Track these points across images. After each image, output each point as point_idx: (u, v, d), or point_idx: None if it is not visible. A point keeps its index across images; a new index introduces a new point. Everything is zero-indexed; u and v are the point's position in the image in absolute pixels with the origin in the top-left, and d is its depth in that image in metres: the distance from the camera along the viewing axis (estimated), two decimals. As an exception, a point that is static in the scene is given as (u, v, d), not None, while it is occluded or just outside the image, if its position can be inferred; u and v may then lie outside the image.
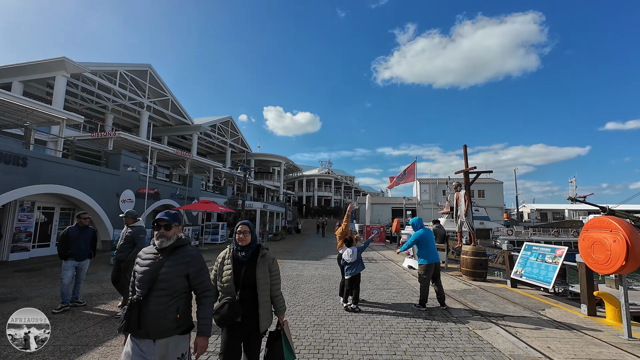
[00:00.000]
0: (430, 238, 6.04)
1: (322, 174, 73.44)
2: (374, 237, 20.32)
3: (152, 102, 31.75)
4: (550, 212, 55.42)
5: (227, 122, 44.31)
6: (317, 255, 14.37)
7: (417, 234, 6.02)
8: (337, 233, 6.67)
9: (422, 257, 5.96)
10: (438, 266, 6.04)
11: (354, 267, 5.87)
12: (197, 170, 36.53)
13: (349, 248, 5.97)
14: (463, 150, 9.43)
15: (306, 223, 47.54)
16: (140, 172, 17.65)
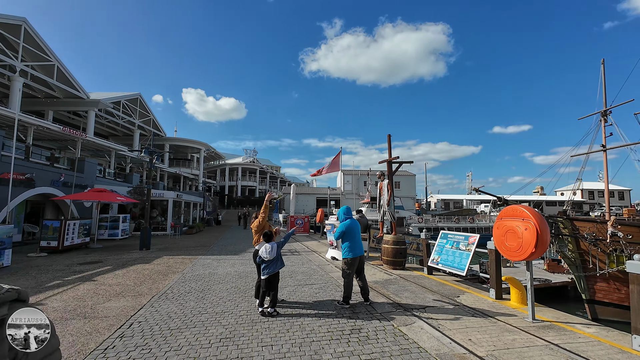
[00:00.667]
0: (356, 229, 5.62)
1: (247, 162, 70.56)
2: (296, 229, 19.91)
3: (28, 66, 25.43)
4: (452, 202, 63.36)
5: (135, 100, 38.63)
6: (235, 249, 13.19)
7: (344, 224, 5.53)
8: (253, 226, 5.78)
9: (347, 250, 5.48)
10: (363, 259, 5.67)
11: (272, 266, 5.10)
12: (94, 154, 31.01)
13: (268, 244, 5.16)
14: (387, 140, 9.42)
15: (228, 214, 45.03)
16: (3, 153, 13.78)
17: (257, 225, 5.68)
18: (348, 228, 5.49)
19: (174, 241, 16.38)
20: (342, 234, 5.50)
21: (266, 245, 5.15)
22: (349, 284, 5.40)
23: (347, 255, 5.47)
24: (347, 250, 5.49)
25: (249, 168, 69.38)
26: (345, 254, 5.50)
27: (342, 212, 5.79)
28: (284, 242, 5.51)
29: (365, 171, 53.82)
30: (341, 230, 5.51)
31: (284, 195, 49.63)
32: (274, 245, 5.16)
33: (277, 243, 5.27)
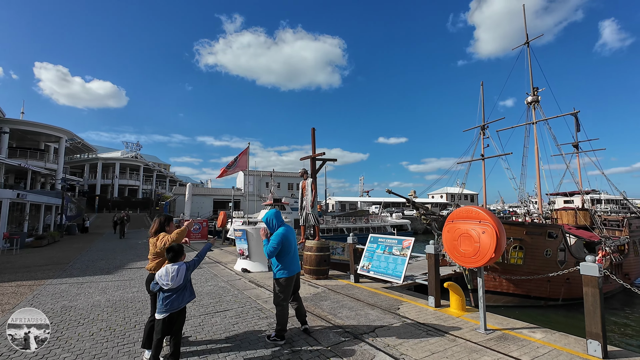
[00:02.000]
0: (293, 240, 4.35)
1: (128, 158, 59.96)
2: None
3: None
4: (348, 204, 67.76)
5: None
6: (108, 265, 10.05)
7: (280, 235, 4.16)
8: (156, 245, 3.84)
9: (281, 268, 4.16)
10: (299, 277, 4.46)
11: (176, 298, 3.37)
12: None
13: (171, 264, 3.43)
14: (311, 135, 8.45)
15: (100, 219, 36.87)
16: None
17: (162, 246, 3.76)
18: (285, 239, 4.16)
19: (7, 258, 11.68)
20: (278, 247, 4.13)
21: (168, 267, 3.42)
22: (283, 312, 4.08)
23: (282, 274, 4.15)
24: (281, 269, 4.17)
25: (130, 164, 59.01)
26: (279, 274, 4.16)
27: (272, 216, 4.39)
28: (198, 261, 3.78)
29: (268, 172, 52.43)
30: (277, 241, 4.12)
31: (175, 197, 43.86)
32: (181, 267, 3.45)
33: (185, 264, 3.55)
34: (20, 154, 39.23)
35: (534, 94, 18.77)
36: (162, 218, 4.08)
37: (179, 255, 3.54)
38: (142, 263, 10.30)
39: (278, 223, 4.32)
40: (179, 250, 3.56)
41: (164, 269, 3.40)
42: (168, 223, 4.05)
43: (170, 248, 3.53)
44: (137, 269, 9.32)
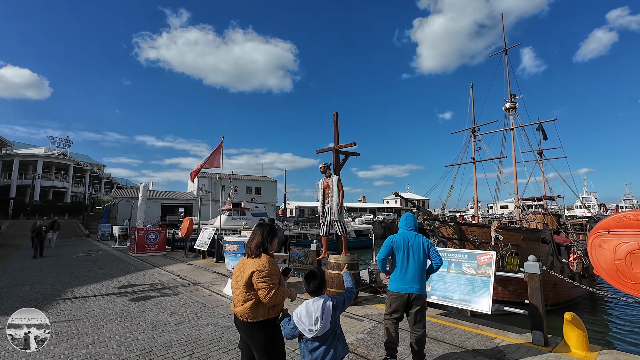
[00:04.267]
0: (411, 248, 3.49)
1: (54, 155, 51.64)
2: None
3: None
4: (306, 209, 66.20)
5: None
6: (35, 295, 7.04)
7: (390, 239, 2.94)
8: (254, 283, 2.33)
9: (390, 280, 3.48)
10: (416, 300, 3.42)
11: (327, 352, 2.33)
12: None
13: (312, 301, 2.41)
14: (334, 121, 6.73)
15: (16, 227, 30.36)
16: None
17: (266, 289, 2.37)
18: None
19: None
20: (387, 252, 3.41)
21: (309, 304, 2.37)
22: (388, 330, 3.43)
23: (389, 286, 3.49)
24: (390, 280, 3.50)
25: (56, 163, 50.77)
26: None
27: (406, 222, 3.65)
28: (349, 297, 2.63)
29: (225, 174, 48.66)
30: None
31: (116, 201, 38.33)
32: (326, 305, 2.35)
33: (331, 299, 2.43)
34: None
35: (512, 101, 19.24)
36: (266, 230, 2.58)
37: (323, 285, 2.49)
38: (87, 289, 7.55)
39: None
40: (323, 279, 2.47)
41: (303, 307, 2.38)
42: (271, 239, 2.59)
43: (312, 274, 2.49)
44: (83, 298, 6.66)
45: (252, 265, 2.39)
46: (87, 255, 14.46)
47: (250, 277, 2.34)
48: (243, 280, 2.37)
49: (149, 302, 6.31)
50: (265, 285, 2.29)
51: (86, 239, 25.62)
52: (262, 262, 2.38)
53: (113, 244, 18.68)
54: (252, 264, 2.41)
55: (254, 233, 2.58)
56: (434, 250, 3.53)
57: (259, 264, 2.37)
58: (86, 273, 9.78)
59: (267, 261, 2.39)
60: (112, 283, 8.22)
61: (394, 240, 3.50)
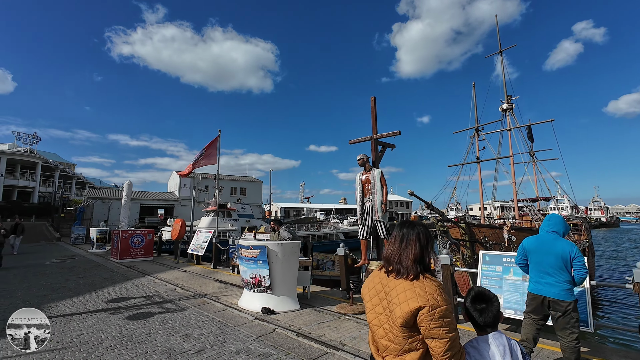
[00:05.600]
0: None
1: (19, 152, 47.82)
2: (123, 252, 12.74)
3: None
4: (292, 210, 64.94)
5: None
6: (4, 311, 5.80)
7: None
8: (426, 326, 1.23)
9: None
10: (555, 305, 3.02)
11: None
12: None
13: (493, 336, 1.56)
14: (371, 107, 5.87)
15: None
16: None
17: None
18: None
19: None
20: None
21: (492, 345, 1.51)
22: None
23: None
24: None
25: (22, 160, 47.01)
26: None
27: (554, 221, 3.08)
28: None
29: (209, 174, 46.69)
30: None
31: (90, 202, 35.72)
32: (514, 347, 1.53)
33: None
34: None
35: (508, 102, 19.15)
36: (423, 233, 1.71)
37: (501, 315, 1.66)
38: (69, 304, 6.28)
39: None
40: (499, 305, 1.66)
41: (493, 347, 1.52)
42: (431, 249, 1.70)
43: (484, 296, 1.65)
44: (66, 317, 5.43)
45: (410, 293, 1.47)
46: (62, 261, 12.82)
47: (414, 314, 1.43)
48: (400, 317, 1.45)
49: (151, 320, 5.19)
50: (446, 334, 1.39)
51: (57, 243, 23.42)
52: (430, 290, 1.47)
53: (90, 248, 16.91)
54: (410, 291, 1.48)
55: (401, 236, 1.65)
56: (578, 260, 2.81)
57: (426, 295, 1.44)
58: (64, 283, 8.39)
59: (437, 289, 1.48)
60: (99, 296, 6.96)
61: (525, 244, 3.16)
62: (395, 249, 1.66)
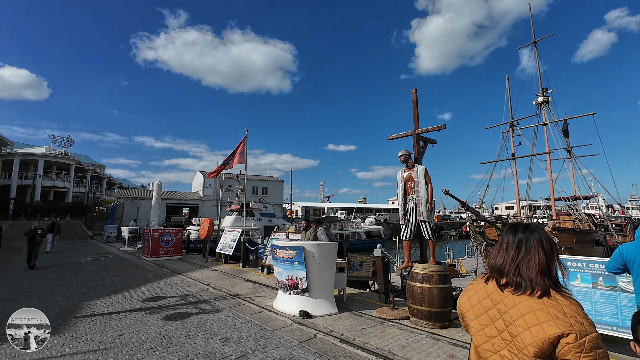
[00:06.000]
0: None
1: (55, 154, 50.46)
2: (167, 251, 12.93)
3: None
4: (312, 209, 64.87)
5: None
6: (46, 311, 5.91)
7: None
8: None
9: None
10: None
11: None
12: None
13: None
14: (412, 100, 5.54)
15: (16, 228, 29.03)
16: None
17: None
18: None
19: None
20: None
21: None
22: None
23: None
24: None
25: (57, 162, 49.53)
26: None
27: None
28: None
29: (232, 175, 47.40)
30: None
31: (120, 201, 37.08)
32: None
33: None
34: None
35: (544, 95, 18.08)
36: (546, 239, 1.35)
37: None
38: (107, 302, 6.34)
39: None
40: None
41: None
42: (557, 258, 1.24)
43: None
44: (105, 316, 5.45)
45: (543, 314, 1.16)
46: (96, 259, 13.24)
47: (553, 343, 1.12)
48: (533, 346, 1.14)
49: (188, 321, 5.10)
50: None
51: (90, 241, 24.37)
52: (570, 311, 1.15)
53: (122, 247, 17.43)
54: (542, 312, 1.16)
55: (517, 242, 1.34)
56: None
57: (567, 318, 1.12)
58: (100, 281, 8.56)
59: (580, 311, 1.16)
60: (135, 295, 7.01)
61: (623, 251, 2.73)
62: (510, 257, 1.35)
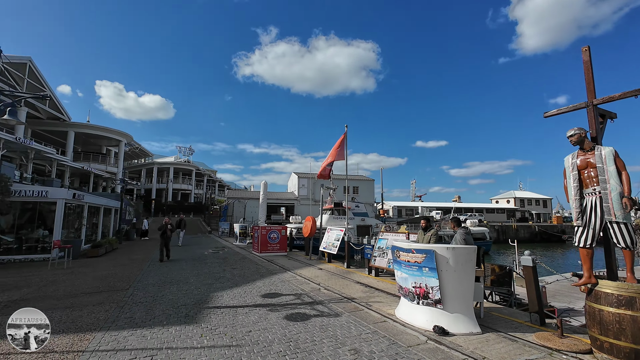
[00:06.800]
0: None
1: (181, 162, 60.26)
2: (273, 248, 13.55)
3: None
4: (404, 209, 62.04)
5: (23, 67, 27.50)
6: (183, 299, 6.46)
7: None
8: None
9: None
10: None
11: None
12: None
13: None
14: (584, 60, 4.20)
15: (156, 223, 35.55)
16: None
17: None
18: None
19: (54, 276, 8.80)
20: None
21: None
22: None
23: None
24: None
25: (182, 169, 59.10)
26: None
27: None
28: None
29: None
30: None
31: (231, 201, 41.82)
32: None
33: None
34: (84, 157, 39.77)
35: None
36: None
37: None
38: (231, 295, 6.67)
39: None
40: None
41: None
42: None
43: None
44: (232, 309, 5.66)
45: None
46: (216, 252, 14.81)
47: None
48: None
49: (310, 324, 4.85)
50: None
51: (209, 235, 27.92)
52: None
53: (234, 241, 19.33)
54: None
55: None
56: None
57: None
58: (222, 273, 9.31)
59: None
60: (253, 289, 7.27)
61: None
62: None
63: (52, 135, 35.63)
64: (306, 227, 13.06)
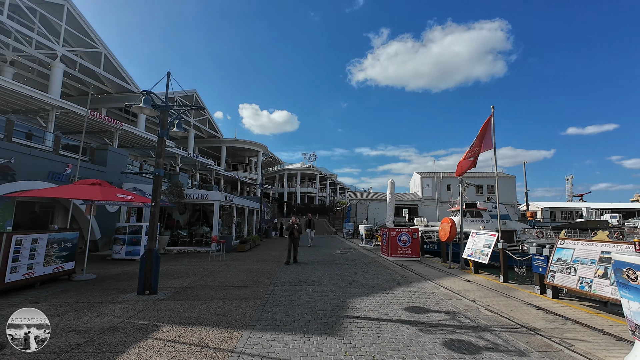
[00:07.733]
0: None
1: (306, 168, 65.41)
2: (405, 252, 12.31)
3: (71, 52, 22.40)
4: (559, 211, 49.86)
5: (191, 98, 35.20)
6: (321, 302, 6.09)
7: None
8: None
9: None
10: None
11: None
12: (143, 154, 27.53)
13: None
14: None
15: (287, 223, 39.21)
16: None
17: None
18: None
19: (212, 267, 10.11)
20: None
21: None
22: None
23: None
24: None
25: (308, 174, 64.06)
26: None
27: None
28: None
29: (450, 173, 44.21)
30: None
31: (353, 202, 42.44)
32: None
33: None
34: (233, 167, 47.85)
35: None
36: None
37: None
38: (369, 304, 5.94)
39: None
40: None
41: None
42: None
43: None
44: (374, 322, 4.89)
45: None
46: (344, 253, 14.65)
47: None
48: None
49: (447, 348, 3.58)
50: None
51: (334, 236, 28.70)
52: None
53: (360, 243, 18.99)
54: None
55: None
56: None
57: None
58: (354, 276, 8.78)
59: None
60: (392, 299, 6.36)
61: None
62: None
63: (210, 150, 44.12)
64: (444, 230, 11.33)
